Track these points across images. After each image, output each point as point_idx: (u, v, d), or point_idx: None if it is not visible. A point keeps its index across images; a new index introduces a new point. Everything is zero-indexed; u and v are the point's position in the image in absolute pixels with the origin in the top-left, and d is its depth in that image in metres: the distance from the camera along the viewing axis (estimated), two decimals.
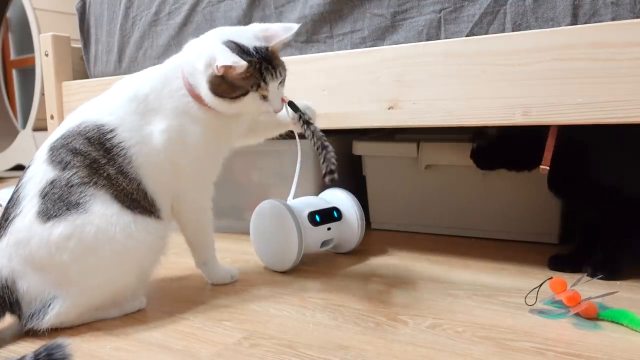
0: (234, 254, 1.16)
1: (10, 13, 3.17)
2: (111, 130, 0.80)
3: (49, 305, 0.73)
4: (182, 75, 0.84)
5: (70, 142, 0.79)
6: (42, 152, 0.80)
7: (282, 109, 0.85)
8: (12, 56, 3.38)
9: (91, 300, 0.77)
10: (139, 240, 0.78)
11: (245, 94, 0.80)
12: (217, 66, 0.76)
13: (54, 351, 0.62)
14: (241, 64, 0.76)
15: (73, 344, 0.64)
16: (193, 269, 0.96)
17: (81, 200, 0.75)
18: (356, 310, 0.82)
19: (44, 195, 0.75)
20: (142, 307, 0.85)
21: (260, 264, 1.08)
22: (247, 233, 1.10)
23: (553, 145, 0.93)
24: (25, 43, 3.03)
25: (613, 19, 0.82)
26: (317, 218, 1.04)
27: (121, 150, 0.79)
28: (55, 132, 0.83)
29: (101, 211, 0.76)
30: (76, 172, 0.76)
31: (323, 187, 1.23)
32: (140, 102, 0.83)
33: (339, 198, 1.13)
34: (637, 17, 0.81)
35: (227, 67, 0.76)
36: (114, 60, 1.45)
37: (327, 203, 1.11)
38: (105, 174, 0.78)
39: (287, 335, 0.74)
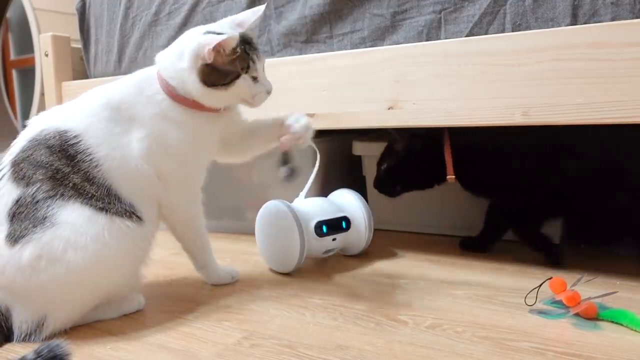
0: (234, 254, 1.16)
1: (10, 13, 3.16)
2: (75, 136, 0.77)
3: (43, 324, 0.73)
4: (160, 80, 0.84)
5: (32, 155, 0.76)
6: (5, 169, 0.77)
7: (271, 89, 0.85)
8: (12, 56, 3.37)
9: (81, 308, 0.77)
10: (112, 246, 0.75)
11: (236, 77, 0.81)
12: (208, 50, 0.76)
13: (55, 348, 0.63)
14: (233, 35, 0.77)
15: (73, 344, 0.64)
16: (193, 269, 0.96)
17: (48, 214, 0.72)
18: (356, 310, 0.82)
19: (12, 216, 0.73)
20: (140, 307, 0.85)
21: (261, 264, 1.08)
22: (248, 233, 1.10)
23: (451, 156, 1.06)
24: (25, 43, 3.02)
25: (613, 19, 0.82)
26: (324, 229, 1.01)
27: (87, 156, 0.76)
28: (17, 143, 0.79)
29: (69, 221, 0.72)
30: (40, 187, 0.73)
31: (327, 187, 1.23)
32: (114, 110, 0.81)
33: (348, 201, 1.10)
34: (637, 18, 0.81)
35: (219, 46, 0.76)
36: (113, 60, 1.45)
37: (337, 209, 1.07)
38: (70, 184, 0.75)
39: (287, 336, 0.74)
